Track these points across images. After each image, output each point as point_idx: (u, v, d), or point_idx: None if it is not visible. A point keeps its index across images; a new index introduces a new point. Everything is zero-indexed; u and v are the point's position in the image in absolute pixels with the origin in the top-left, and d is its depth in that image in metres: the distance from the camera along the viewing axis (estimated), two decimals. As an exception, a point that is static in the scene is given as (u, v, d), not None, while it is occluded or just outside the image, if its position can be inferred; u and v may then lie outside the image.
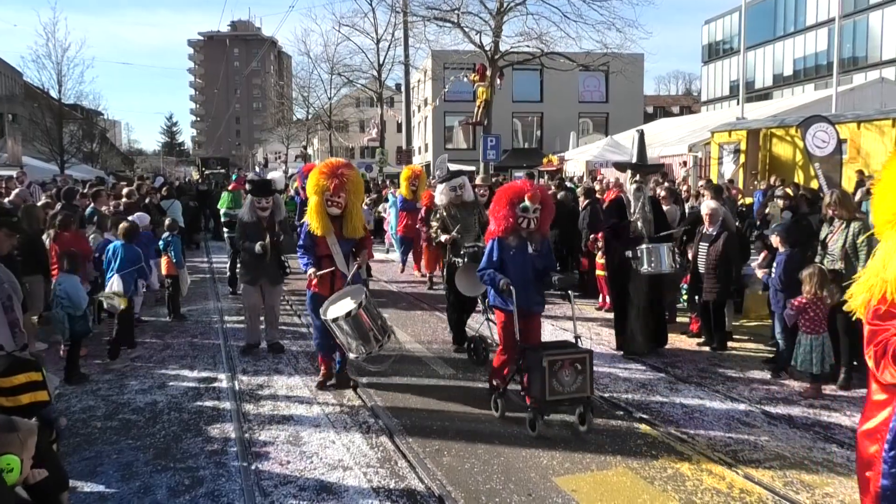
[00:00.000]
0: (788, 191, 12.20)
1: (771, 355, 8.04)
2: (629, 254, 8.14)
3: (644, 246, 8.09)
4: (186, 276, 11.10)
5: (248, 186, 11.33)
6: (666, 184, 14.50)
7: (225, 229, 13.89)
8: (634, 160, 9.03)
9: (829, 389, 7.07)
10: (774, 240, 7.78)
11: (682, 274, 9.18)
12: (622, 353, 8.53)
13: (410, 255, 14.92)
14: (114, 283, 8.61)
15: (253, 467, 5.42)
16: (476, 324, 8.68)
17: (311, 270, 7.02)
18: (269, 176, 12.50)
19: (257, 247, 8.27)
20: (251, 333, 8.83)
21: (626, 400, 6.91)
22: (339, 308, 6.63)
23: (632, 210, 8.37)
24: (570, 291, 7.07)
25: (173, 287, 10.84)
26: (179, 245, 10.93)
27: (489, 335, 8.39)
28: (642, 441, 5.85)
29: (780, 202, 10.04)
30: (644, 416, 6.40)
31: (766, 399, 6.87)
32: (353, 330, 6.53)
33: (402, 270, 15.16)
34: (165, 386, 7.49)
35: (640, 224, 8.26)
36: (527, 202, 6.20)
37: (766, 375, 7.61)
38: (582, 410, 5.99)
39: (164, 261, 10.78)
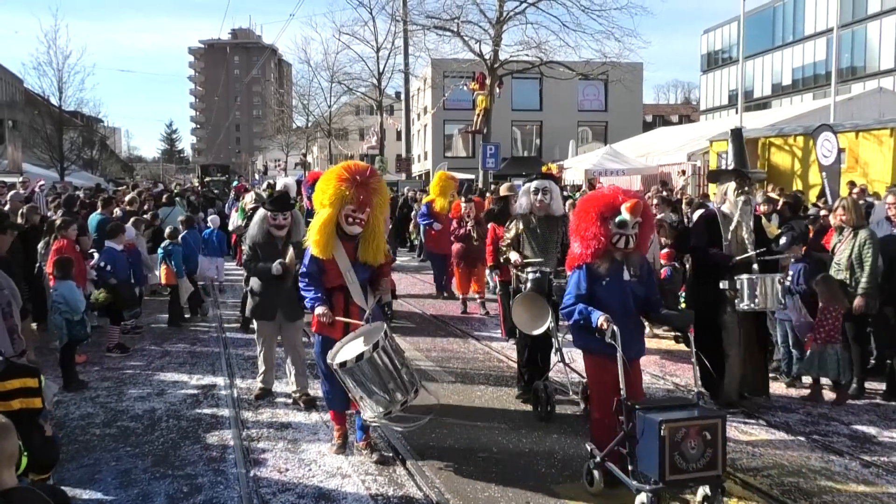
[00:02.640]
0: (772, 195, 12.17)
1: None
2: (726, 285, 6.60)
3: (746, 276, 6.48)
4: (188, 284, 11.11)
5: (250, 197, 11.12)
6: (664, 192, 14.57)
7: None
8: (733, 165, 7.58)
9: (826, 397, 7.09)
10: (793, 250, 7.67)
11: (681, 282, 9.15)
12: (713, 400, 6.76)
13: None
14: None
15: (251, 474, 5.41)
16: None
17: (320, 310, 5.32)
18: (281, 184, 11.12)
19: (274, 266, 6.72)
20: (265, 375, 7.36)
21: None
22: (349, 351, 5.12)
23: (732, 228, 6.77)
24: (688, 333, 5.28)
25: (172, 295, 10.88)
26: (180, 253, 10.93)
27: (561, 380, 6.91)
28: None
29: (764, 207, 10.00)
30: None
31: (764, 407, 6.87)
32: (366, 380, 4.99)
33: (439, 293, 13.19)
34: (164, 393, 7.48)
35: (747, 244, 6.72)
36: (625, 215, 4.92)
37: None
38: (709, 493, 4.56)
39: (163, 270, 10.83)
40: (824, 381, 7.15)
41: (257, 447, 5.95)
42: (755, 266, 6.62)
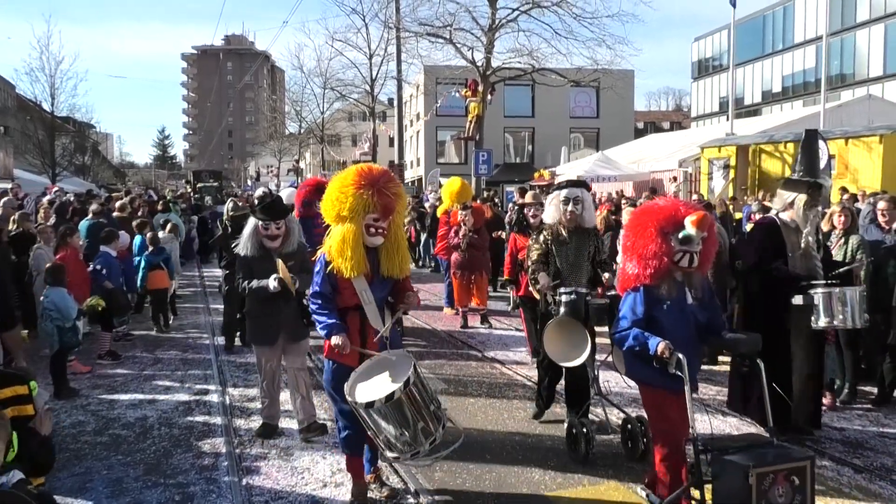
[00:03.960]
0: (766, 203, 12.27)
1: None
2: (799, 301, 5.87)
3: (821, 291, 5.82)
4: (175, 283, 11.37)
5: (228, 205, 10.58)
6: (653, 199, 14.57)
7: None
8: (803, 172, 6.88)
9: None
10: None
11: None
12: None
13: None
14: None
15: (244, 483, 5.39)
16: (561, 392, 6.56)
17: (338, 339, 4.62)
18: (285, 196, 9.87)
19: (271, 282, 5.85)
20: (269, 408, 6.43)
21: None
22: (373, 387, 4.48)
23: (803, 238, 6.07)
24: (758, 361, 4.52)
25: (159, 300, 10.95)
26: (170, 256, 11.17)
27: (598, 418, 6.24)
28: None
29: (759, 216, 10.07)
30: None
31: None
32: (394, 419, 4.41)
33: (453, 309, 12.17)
34: (156, 401, 7.45)
35: (813, 257, 6.10)
36: (690, 230, 4.37)
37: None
38: None
39: (151, 274, 10.91)
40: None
41: (250, 455, 5.93)
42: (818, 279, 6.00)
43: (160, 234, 12.14)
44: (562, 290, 5.90)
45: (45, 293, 7.83)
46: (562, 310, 5.83)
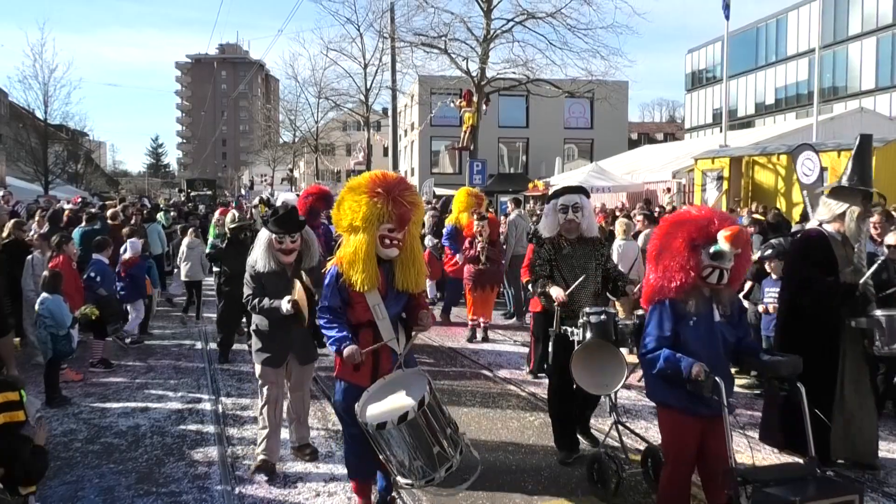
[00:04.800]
0: (757, 216, 12.33)
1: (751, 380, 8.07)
2: (863, 323, 5.40)
3: (884, 313, 5.36)
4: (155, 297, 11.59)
5: (230, 216, 10.29)
6: (647, 210, 14.67)
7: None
8: (857, 181, 5.93)
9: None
10: (773, 266, 7.74)
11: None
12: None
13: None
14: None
15: (236, 492, 5.36)
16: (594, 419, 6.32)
17: (349, 352, 4.37)
18: (281, 200, 9.52)
19: (284, 304, 5.38)
20: (269, 441, 5.70)
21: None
22: (386, 407, 4.21)
23: (855, 253, 5.56)
24: (798, 385, 4.12)
25: (147, 307, 11.13)
26: (154, 266, 11.47)
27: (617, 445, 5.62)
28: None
29: (750, 229, 10.13)
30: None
31: (750, 425, 6.85)
32: (409, 442, 4.11)
33: (444, 320, 12.02)
34: (148, 409, 7.42)
35: (862, 273, 5.52)
36: (723, 245, 4.05)
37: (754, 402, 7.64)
38: None
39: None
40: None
41: (242, 464, 5.90)
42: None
43: (185, 240, 12.83)
44: (588, 309, 5.35)
45: (40, 300, 7.81)
46: (588, 333, 5.24)
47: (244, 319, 9.48)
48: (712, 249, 4.08)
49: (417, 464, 4.12)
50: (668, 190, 22.94)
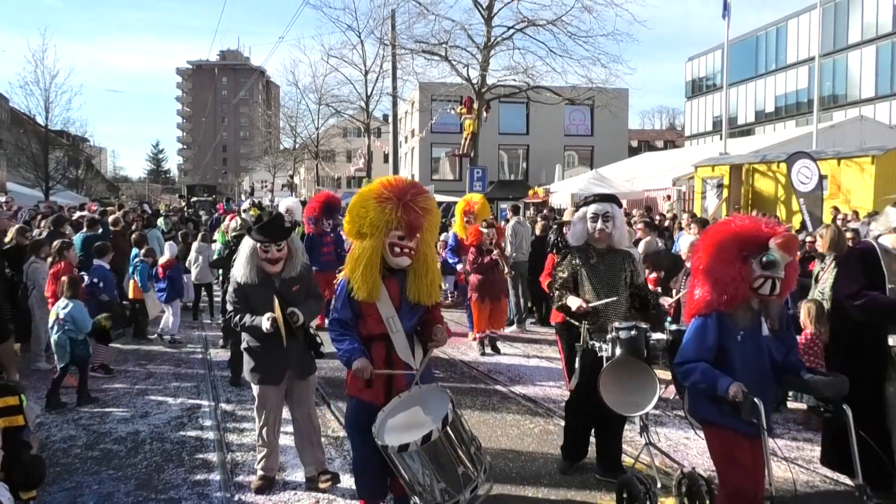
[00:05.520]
0: None
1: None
2: None
3: None
4: (155, 301, 11.33)
5: (234, 223, 10.08)
6: (647, 217, 14.69)
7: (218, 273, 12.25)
8: None
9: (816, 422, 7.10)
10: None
11: (664, 313, 8.94)
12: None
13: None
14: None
15: (236, 498, 5.36)
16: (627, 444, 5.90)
17: (359, 364, 4.20)
18: (283, 206, 8.74)
19: (264, 322, 5.07)
20: (268, 459, 5.54)
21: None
22: (406, 428, 3.98)
23: None
24: (844, 406, 3.92)
25: (140, 311, 11.24)
26: (146, 271, 11.19)
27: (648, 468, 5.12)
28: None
29: None
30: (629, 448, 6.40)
31: (797, 445, 6.65)
32: (430, 464, 3.87)
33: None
34: (148, 415, 7.42)
35: None
36: (775, 253, 3.84)
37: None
38: None
39: (132, 284, 11.24)
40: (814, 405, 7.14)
41: (242, 471, 5.89)
42: None
43: (195, 244, 12.98)
44: (617, 324, 5.06)
45: (62, 305, 7.88)
46: (617, 349, 4.92)
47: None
48: (764, 258, 3.86)
49: (441, 486, 3.88)
50: (669, 197, 22.97)
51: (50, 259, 8.99)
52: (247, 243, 5.32)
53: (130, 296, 11.26)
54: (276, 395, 5.47)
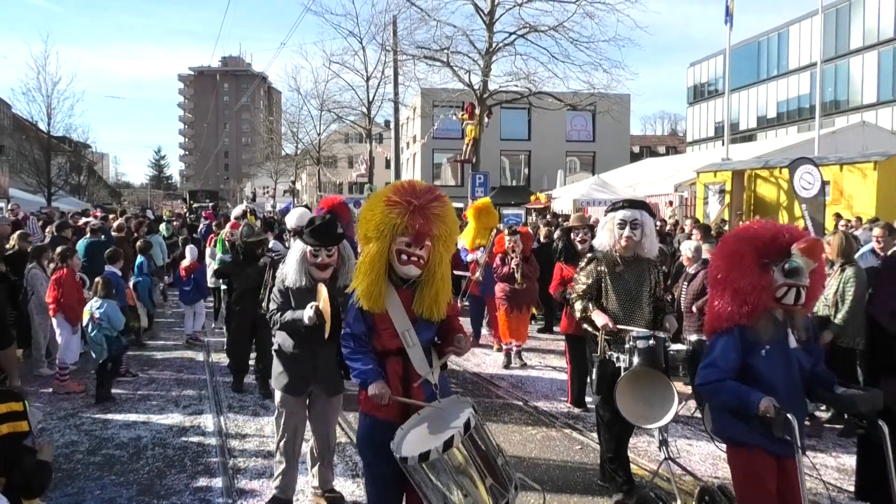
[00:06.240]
0: None
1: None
2: None
3: None
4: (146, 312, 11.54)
5: (244, 230, 9.21)
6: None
7: (218, 281, 11.99)
8: None
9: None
10: None
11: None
12: None
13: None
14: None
15: (238, 504, 5.35)
16: (639, 454, 6.03)
17: (375, 388, 3.85)
18: (293, 217, 8.07)
19: (307, 312, 4.83)
20: (285, 476, 5.24)
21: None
22: (425, 438, 3.67)
23: None
24: (880, 422, 3.72)
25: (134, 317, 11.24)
26: (147, 286, 11.44)
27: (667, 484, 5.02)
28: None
29: None
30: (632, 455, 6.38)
31: (831, 466, 6.50)
32: (452, 477, 3.53)
33: (475, 342, 10.96)
34: (150, 421, 7.41)
35: None
36: (798, 260, 3.63)
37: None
38: None
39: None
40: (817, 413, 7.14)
41: (244, 476, 5.89)
42: None
43: (207, 249, 13.11)
44: (635, 333, 4.89)
45: (97, 305, 8.25)
46: (635, 359, 4.78)
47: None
48: (787, 266, 3.63)
49: (469, 501, 3.50)
50: (671, 203, 22.96)
51: (53, 265, 8.98)
52: (297, 247, 5.16)
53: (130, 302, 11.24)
54: (299, 407, 5.22)
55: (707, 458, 6.29)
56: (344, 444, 6.46)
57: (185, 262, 11.59)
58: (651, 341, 4.77)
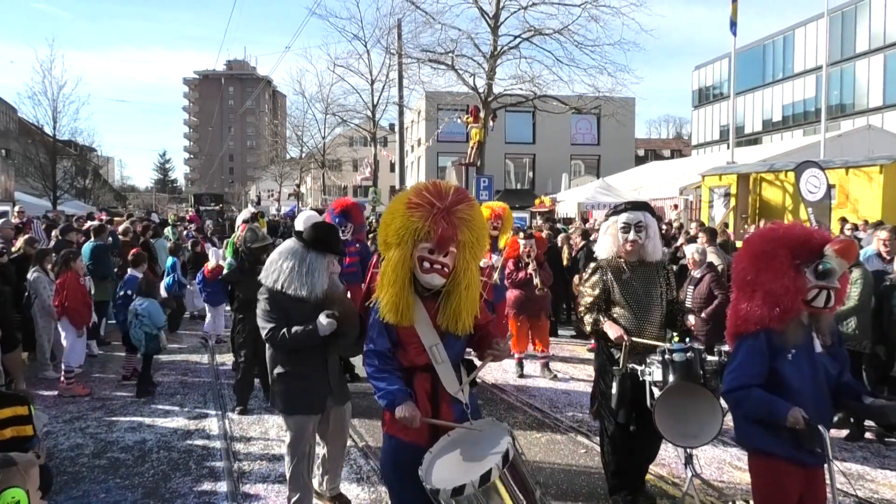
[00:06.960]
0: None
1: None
2: None
3: None
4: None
5: (259, 233, 8.55)
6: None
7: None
8: None
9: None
10: None
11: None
12: None
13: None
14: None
15: (242, 508, 5.35)
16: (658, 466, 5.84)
17: (404, 411, 3.53)
18: (301, 220, 6.16)
19: (322, 319, 4.61)
20: (301, 490, 4.94)
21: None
22: (458, 469, 3.32)
23: None
24: None
25: None
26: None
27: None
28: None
29: None
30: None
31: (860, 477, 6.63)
32: None
33: None
34: (155, 424, 7.41)
35: None
36: (832, 261, 3.46)
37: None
38: None
39: None
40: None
41: (249, 480, 5.89)
42: None
43: (210, 251, 13.00)
44: (669, 346, 4.67)
45: (139, 302, 8.62)
46: (671, 375, 4.56)
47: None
48: (820, 267, 3.46)
49: None
50: (676, 206, 22.93)
51: (56, 269, 8.97)
52: (297, 251, 4.89)
53: None
54: (314, 427, 4.95)
55: (712, 462, 6.26)
56: (348, 448, 6.44)
57: (209, 265, 11.53)
58: (689, 353, 4.56)
